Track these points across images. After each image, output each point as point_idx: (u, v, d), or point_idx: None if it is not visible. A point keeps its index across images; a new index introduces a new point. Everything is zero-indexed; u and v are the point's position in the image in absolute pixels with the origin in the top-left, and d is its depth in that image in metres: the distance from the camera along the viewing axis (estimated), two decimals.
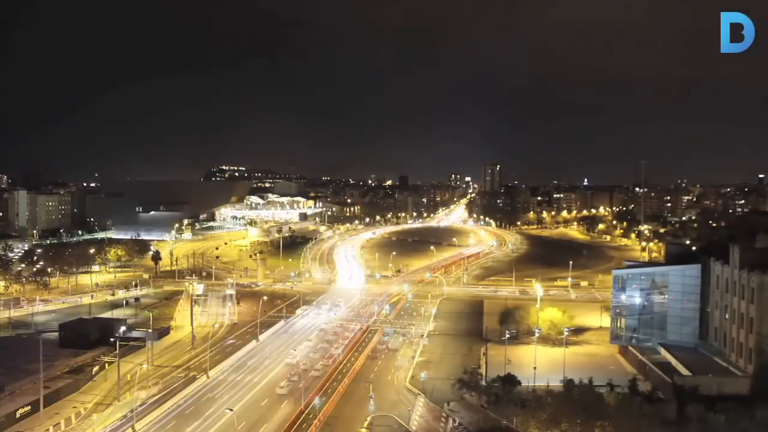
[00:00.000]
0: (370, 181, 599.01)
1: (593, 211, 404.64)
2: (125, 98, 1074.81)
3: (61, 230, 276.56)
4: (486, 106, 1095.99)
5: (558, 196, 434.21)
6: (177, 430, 72.19)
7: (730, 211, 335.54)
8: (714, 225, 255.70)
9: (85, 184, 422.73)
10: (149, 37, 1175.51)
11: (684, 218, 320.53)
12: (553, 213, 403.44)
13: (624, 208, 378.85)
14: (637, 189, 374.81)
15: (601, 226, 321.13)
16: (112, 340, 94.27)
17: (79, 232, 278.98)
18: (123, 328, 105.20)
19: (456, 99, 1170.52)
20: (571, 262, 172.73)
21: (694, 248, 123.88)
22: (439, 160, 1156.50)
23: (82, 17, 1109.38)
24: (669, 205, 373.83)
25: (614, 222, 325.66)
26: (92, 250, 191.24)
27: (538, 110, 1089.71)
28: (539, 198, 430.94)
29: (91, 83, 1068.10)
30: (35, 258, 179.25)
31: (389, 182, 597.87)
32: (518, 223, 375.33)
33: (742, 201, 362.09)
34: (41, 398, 76.07)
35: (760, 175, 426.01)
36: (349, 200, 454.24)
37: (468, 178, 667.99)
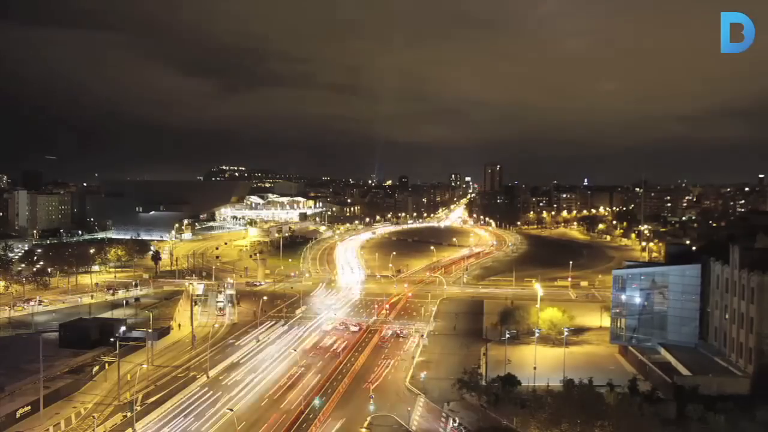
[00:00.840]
0: (370, 181, 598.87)
1: (593, 211, 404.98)
2: (125, 97, 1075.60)
3: (61, 230, 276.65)
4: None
5: (558, 196, 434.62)
6: (177, 430, 72.17)
7: (730, 211, 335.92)
8: (714, 225, 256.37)
9: (85, 184, 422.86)
10: (148, 36, 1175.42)
11: (684, 218, 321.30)
12: (553, 213, 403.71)
13: (624, 208, 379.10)
14: (637, 189, 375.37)
15: (601, 226, 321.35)
16: (112, 340, 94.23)
17: (79, 232, 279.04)
18: (123, 328, 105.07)
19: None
20: (571, 262, 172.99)
21: (694, 248, 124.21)
22: (439, 160, 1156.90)
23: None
24: (669, 205, 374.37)
25: (614, 222, 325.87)
26: (92, 250, 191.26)
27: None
28: (539, 198, 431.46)
29: (90, 82, 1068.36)
30: (35, 258, 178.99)
31: (389, 182, 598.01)
32: (518, 223, 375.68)
33: (742, 201, 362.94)
34: (41, 398, 75.89)
35: (760, 175, 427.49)
36: (349, 200, 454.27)
37: (468, 178, 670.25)
